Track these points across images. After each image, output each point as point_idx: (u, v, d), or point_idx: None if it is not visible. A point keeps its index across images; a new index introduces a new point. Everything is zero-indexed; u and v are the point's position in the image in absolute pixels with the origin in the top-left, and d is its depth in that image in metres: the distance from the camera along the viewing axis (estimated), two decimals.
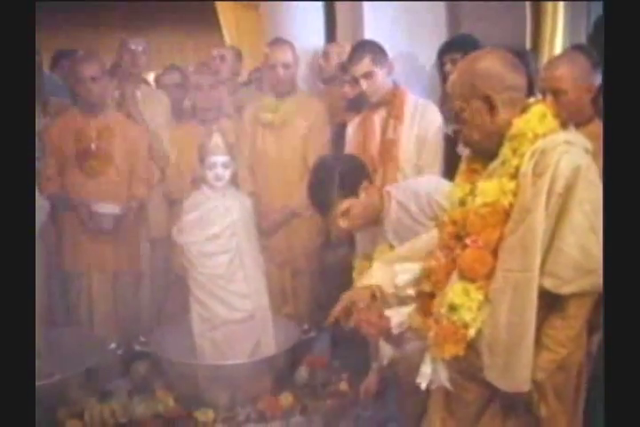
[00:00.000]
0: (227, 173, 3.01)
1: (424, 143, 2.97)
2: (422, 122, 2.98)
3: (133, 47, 3.68)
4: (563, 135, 1.71)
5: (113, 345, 3.09)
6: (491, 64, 1.75)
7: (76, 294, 3.42)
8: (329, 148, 3.38)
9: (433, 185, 2.43)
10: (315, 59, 3.92)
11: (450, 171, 2.93)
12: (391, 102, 3.01)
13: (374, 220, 2.44)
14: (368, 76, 2.94)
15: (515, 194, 1.69)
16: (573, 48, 2.69)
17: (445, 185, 2.51)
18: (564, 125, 1.74)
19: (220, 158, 2.98)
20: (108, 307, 3.43)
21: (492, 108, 1.74)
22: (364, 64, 2.93)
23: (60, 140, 3.36)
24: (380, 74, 2.95)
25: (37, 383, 2.50)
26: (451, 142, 3.03)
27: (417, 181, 2.60)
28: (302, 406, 2.93)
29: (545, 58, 3.23)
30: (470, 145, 1.83)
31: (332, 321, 2.19)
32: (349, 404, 2.95)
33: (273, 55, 3.43)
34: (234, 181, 3.14)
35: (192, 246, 3.00)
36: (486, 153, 1.80)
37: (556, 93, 2.27)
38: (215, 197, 3.03)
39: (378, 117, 3.05)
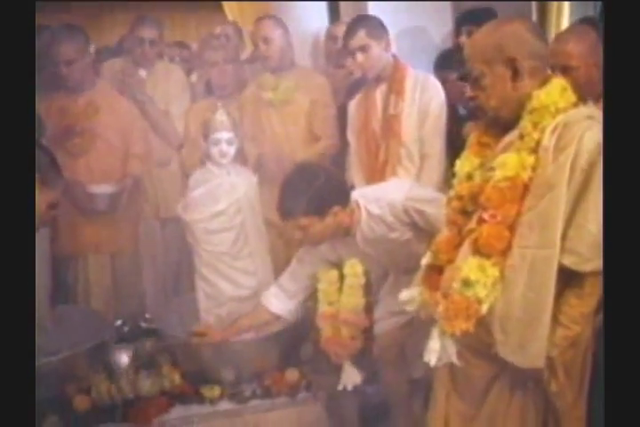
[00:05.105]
0: (231, 150, 2.98)
1: (426, 117, 2.96)
2: (423, 96, 2.97)
3: (144, 36, 3.58)
4: (584, 110, 1.68)
5: (119, 322, 3.10)
6: (519, 29, 1.72)
7: (72, 276, 3.43)
8: (334, 122, 3.35)
9: (405, 191, 2.38)
10: (319, 40, 3.89)
11: (451, 146, 2.93)
12: (392, 77, 2.99)
13: (337, 235, 2.40)
14: (364, 49, 2.92)
15: (534, 169, 1.66)
16: (582, 21, 2.64)
17: (416, 187, 2.50)
18: (583, 100, 1.72)
19: (225, 135, 2.96)
20: (106, 288, 3.42)
21: (515, 74, 1.70)
22: (360, 37, 2.91)
23: (48, 120, 3.26)
24: (377, 48, 2.94)
25: (44, 360, 2.56)
26: (452, 117, 3.03)
27: (387, 189, 2.51)
28: (307, 382, 2.94)
29: (552, 32, 3.19)
30: (486, 112, 1.79)
31: None
32: None
33: (255, 31, 3.42)
34: (239, 158, 3.12)
35: (197, 224, 2.98)
36: (499, 122, 1.78)
37: (566, 70, 2.21)
38: (220, 174, 3.01)
39: (379, 93, 3.04)
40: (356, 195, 2.42)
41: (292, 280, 2.65)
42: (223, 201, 2.98)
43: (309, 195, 2.25)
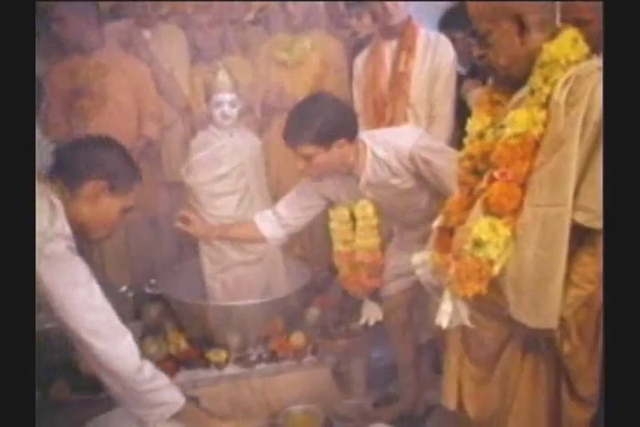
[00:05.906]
0: (234, 112, 2.91)
1: (436, 78, 2.91)
2: (435, 56, 2.92)
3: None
4: (596, 62, 1.62)
5: (124, 288, 3.08)
6: None
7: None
8: (346, 86, 3.29)
9: (415, 138, 2.33)
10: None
11: (460, 108, 2.87)
12: (403, 34, 2.93)
13: (339, 171, 2.37)
14: None
15: (545, 124, 1.60)
16: None
17: (427, 136, 2.44)
18: (595, 51, 1.66)
19: (227, 96, 2.88)
20: (120, 253, 3.39)
21: (522, 29, 1.64)
22: None
23: (60, 82, 3.24)
24: None
25: (50, 325, 2.53)
26: (461, 81, 2.97)
27: (396, 134, 2.47)
28: (314, 346, 2.94)
29: None
30: (496, 71, 1.74)
31: None
32: (361, 344, 2.95)
33: None
34: (242, 120, 3.06)
35: (201, 187, 2.95)
36: (510, 81, 1.72)
37: (579, 23, 2.14)
38: (223, 137, 2.95)
39: (388, 50, 2.98)
40: (364, 135, 2.38)
41: (286, 208, 2.59)
42: (226, 164, 2.93)
43: (319, 123, 2.20)
